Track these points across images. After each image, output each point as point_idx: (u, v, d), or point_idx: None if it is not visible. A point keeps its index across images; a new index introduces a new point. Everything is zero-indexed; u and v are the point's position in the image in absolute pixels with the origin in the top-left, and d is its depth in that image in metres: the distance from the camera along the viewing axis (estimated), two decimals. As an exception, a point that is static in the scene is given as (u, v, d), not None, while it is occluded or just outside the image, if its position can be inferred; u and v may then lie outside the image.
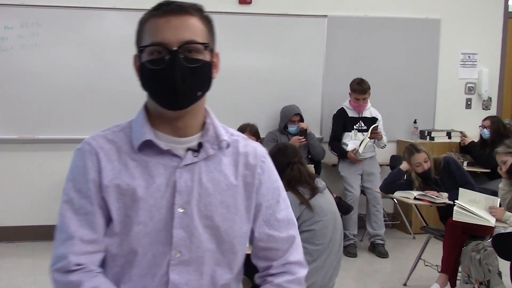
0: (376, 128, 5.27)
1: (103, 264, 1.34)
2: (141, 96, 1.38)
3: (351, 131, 5.37)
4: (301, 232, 3.09)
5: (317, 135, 5.65)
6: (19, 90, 5.18)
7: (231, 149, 1.40)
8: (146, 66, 1.29)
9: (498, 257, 3.80)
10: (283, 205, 1.45)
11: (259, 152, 1.43)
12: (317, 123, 5.80)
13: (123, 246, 1.31)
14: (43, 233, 5.26)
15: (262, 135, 5.18)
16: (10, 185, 5.29)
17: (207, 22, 1.34)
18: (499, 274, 3.82)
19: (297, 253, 1.46)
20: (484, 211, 3.80)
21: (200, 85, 1.32)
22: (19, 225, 5.28)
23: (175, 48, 1.26)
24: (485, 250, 3.82)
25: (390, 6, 5.93)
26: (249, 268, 1.49)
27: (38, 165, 5.29)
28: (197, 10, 1.32)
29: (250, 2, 5.60)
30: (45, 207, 5.29)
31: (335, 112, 5.47)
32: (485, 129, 5.62)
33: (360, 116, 5.38)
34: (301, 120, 5.37)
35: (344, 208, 4.22)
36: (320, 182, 3.24)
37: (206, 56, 1.31)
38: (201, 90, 1.33)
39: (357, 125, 5.37)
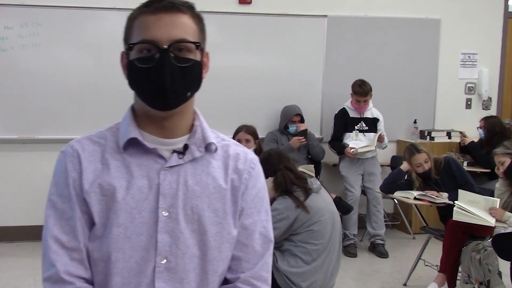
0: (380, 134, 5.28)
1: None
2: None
3: (352, 132, 5.36)
4: (299, 233, 3.13)
5: (317, 135, 5.65)
6: (19, 90, 5.18)
7: (222, 153, 1.35)
8: (135, 64, 1.26)
9: (498, 257, 3.81)
10: (265, 216, 1.39)
11: (249, 158, 1.38)
12: (317, 123, 5.80)
13: (103, 250, 1.26)
14: (43, 233, 5.26)
15: (262, 135, 5.17)
16: (10, 185, 5.29)
17: (199, 20, 1.31)
18: (499, 274, 3.83)
19: (267, 271, 1.37)
20: (483, 211, 3.81)
21: (190, 85, 1.28)
22: (19, 225, 5.28)
23: (165, 47, 1.23)
24: (485, 250, 3.83)
25: (390, 6, 5.93)
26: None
27: (38, 165, 5.29)
28: (189, 8, 1.28)
29: (250, 2, 5.59)
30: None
31: (336, 112, 5.47)
32: (480, 129, 5.64)
33: (362, 116, 5.37)
34: (302, 120, 5.36)
35: (344, 208, 4.22)
36: (314, 182, 3.23)
37: (196, 56, 1.28)
38: (191, 90, 1.29)
39: (358, 125, 5.37)
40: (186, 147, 1.31)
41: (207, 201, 1.30)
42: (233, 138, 4.21)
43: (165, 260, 1.27)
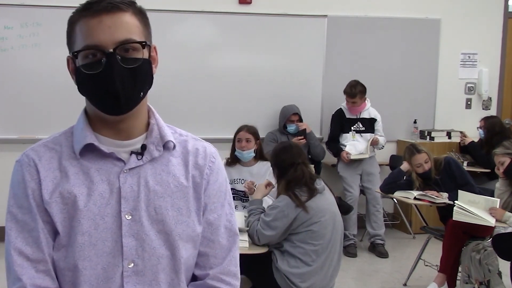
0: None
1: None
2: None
3: (349, 132, 5.36)
4: (299, 233, 3.12)
5: (317, 135, 5.65)
6: (19, 90, 5.18)
7: (180, 149, 1.34)
8: (82, 71, 1.23)
9: (498, 257, 3.81)
10: (228, 210, 1.38)
11: (209, 152, 1.37)
12: (317, 123, 5.80)
13: (69, 259, 1.24)
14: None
15: (262, 135, 5.16)
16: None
17: (141, 16, 1.27)
18: (499, 274, 3.83)
19: (235, 265, 1.37)
20: (484, 211, 3.81)
21: (141, 85, 1.25)
22: (19, 225, 5.28)
23: (111, 50, 1.19)
24: (485, 250, 3.83)
25: (390, 6, 5.93)
26: (249, 268, 1.47)
27: (38, 165, 5.28)
28: (129, 5, 1.24)
29: (250, 2, 5.60)
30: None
31: (334, 112, 5.47)
32: (480, 129, 5.64)
33: (358, 117, 5.37)
34: (300, 119, 5.36)
35: (344, 208, 4.21)
36: (319, 183, 3.23)
37: (144, 54, 1.24)
38: (143, 90, 1.26)
39: (355, 126, 5.37)
40: (144, 147, 1.29)
41: (170, 200, 1.29)
42: (234, 137, 4.21)
43: (132, 264, 1.25)
